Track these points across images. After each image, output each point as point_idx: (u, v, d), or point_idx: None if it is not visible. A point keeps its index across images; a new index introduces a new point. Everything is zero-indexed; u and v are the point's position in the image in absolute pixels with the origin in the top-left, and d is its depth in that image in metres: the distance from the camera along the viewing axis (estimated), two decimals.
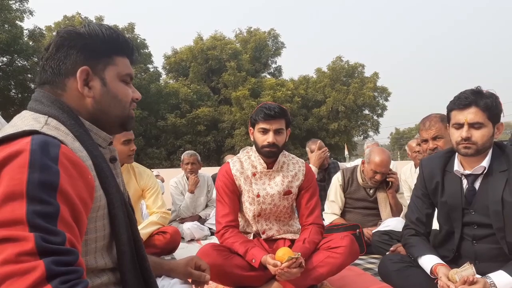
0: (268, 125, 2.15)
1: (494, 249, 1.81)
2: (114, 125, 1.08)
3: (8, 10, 26.25)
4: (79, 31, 1.02)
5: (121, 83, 1.07)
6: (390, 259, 2.11)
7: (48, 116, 0.94)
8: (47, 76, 1.01)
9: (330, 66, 35.89)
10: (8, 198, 0.74)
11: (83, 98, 1.01)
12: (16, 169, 0.76)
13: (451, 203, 1.90)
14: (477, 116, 1.75)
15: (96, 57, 1.02)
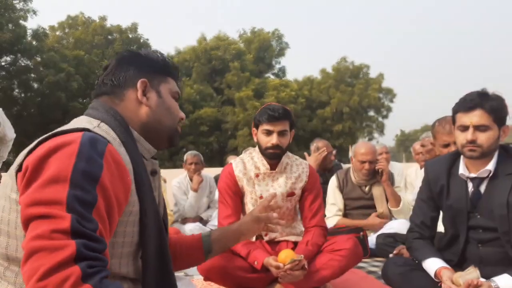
0: (272, 126, 2.13)
1: (500, 253, 1.79)
2: (164, 136, 1.15)
3: (12, 10, 26.40)
4: (137, 52, 1.16)
5: (172, 99, 1.17)
6: (394, 262, 2.09)
7: (101, 121, 1.01)
8: (106, 88, 1.11)
9: (334, 67, 35.91)
10: (53, 180, 0.79)
11: (139, 108, 1.10)
12: (65, 157, 0.82)
13: (456, 207, 1.88)
14: (482, 119, 1.72)
15: (152, 73, 1.13)
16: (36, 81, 28.53)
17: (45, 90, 27.76)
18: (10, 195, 0.88)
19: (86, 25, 35.30)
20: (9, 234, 0.88)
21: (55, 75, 27.23)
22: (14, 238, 0.87)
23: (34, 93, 28.73)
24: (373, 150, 3.30)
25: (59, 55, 28.91)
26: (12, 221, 0.87)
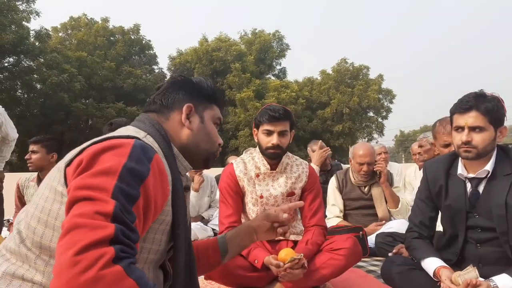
0: (273, 127, 2.15)
1: (498, 253, 1.80)
2: (200, 158, 1.22)
3: (15, 11, 26.48)
4: (189, 78, 1.25)
5: (214, 125, 1.25)
6: (393, 262, 2.10)
7: (147, 134, 1.09)
8: (155, 106, 1.19)
9: (334, 68, 35.88)
10: (103, 172, 0.86)
11: (181, 129, 1.18)
12: (117, 155, 0.89)
13: (454, 207, 1.89)
14: (477, 120, 1.74)
15: (199, 99, 1.22)
16: (39, 82, 28.59)
17: (48, 91, 27.82)
18: (57, 187, 0.94)
19: (89, 26, 35.35)
20: (47, 223, 0.93)
21: (58, 76, 27.29)
22: (52, 228, 0.92)
23: (37, 93, 28.80)
24: (371, 152, 3.32)
25: (62, 56, 28.97)
26: (54, 211, 0.93)
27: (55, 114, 28.67)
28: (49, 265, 0.93)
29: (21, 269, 0.95)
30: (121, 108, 30.34)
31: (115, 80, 32.23)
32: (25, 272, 0.94)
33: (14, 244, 0.97)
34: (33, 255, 0.94)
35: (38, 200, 0.97)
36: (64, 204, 0.89)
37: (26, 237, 0.96)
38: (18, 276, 0.94)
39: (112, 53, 34.37)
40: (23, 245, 0.95)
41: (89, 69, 31.26)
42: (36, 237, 0.94)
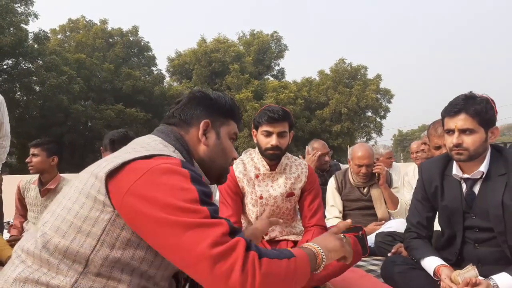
0: (272, 128, 2.16)
1: (497, 252, 1.81)
2: (214, 173, 1.28)
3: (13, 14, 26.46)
4: (209, 94, 1.28)
5: (229, 141, 1.30)
6: (392, 261, 2.10)
7: (175, 149, 1.15)
8: (174, 120, 1.24)
9: (333, 68, 35.91)
10: (190, 200, 0.95)
11: (199, 144, 1.22)
12: (179, 180, 0.97)
13: (451, 207, 1.90)
14: (467, 122, 1.75)
15: (216, 115, 1.26)
16: (38, 84, 28.56)
17: (47, 93, 27.80)
18: (97, 196, 0.98)
19: (87, 28, 35.33)
20: (81, 229, 0.97)
21: (57, 78, 27.27)
22: (85, 234, 0.97)
23: (36, 96, 28.77)
24: (370, 154, 3.31)
25: (61, 58, 28.94)
26: (91, 218, 0.97)
27: (54, 116, 28.65)
28: (72, 269, 0.96)
29: (37, 272, 0.97)
30: (120, 109, 30.32)
31: (114, 82, 32.20)
32: (41, 276, 0.96)
33: (34, 247, 0.99)
34: (55, 260, 0.97)
35: (71, 205, 1.00)
36: (104, 213, 0.97)
37: (51, 239, 0.98)
38: (32, 280, 0.96)
39: (111, 55, 34.35)
40: (45, 249, 0.98)
41: (88, 71, 31.25)
42: (65, 241, 0.97)
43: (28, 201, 3.22)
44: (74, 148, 31.32)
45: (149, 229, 0.95)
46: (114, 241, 0.97)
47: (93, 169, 1.04)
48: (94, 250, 0.96)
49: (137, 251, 1.00)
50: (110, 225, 0.97)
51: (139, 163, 1.00)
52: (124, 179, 0.97)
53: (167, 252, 0.95)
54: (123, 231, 0.98)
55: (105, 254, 0.96)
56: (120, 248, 0.98)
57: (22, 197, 3.26)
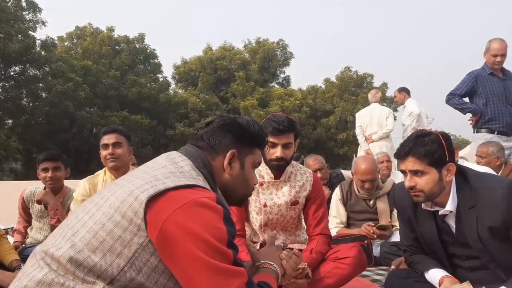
0: (277, 139, 2.13)
1: (491, 274, 1.78)
2: (235, 200, 1.32)
3: (21, 21, 26.80)
4: (239, 121, 1.30)
5: (252, 170, 1.34)
6: (396, 275, 2.08)
7: (204, 177, 1.18)
8: (203, 144, 1.27)
9: (338, 76, 35.92)
10: (220, 240, 1.02)
11: (223, 172, 1.26)
12: (214, 218, 1.03)
13: (427, 238, 1.88)
14: (415, 165, 1.74)
15: (243, 144, 1.29)
16: (44, 90, 28.78)
17: (53, 100, 28.00)
18: (133, 218, 1.01)
19: (94, 35, 35.66)
20: (112, 248, 1.00)
21: (63, 84, 27.46)
22: (115, 254, 1.00)
23: (42, 102, 28.98)
24: (374, 169, 3.24)
25: (67, 65, 29.19)
26: (124, 239, 1.00)
27: (60, 123, 28.80)
28: (98, 281, 0.98)
29: (62, 277, 0.99)
30: (125, 116, 30.45)
31: (119, 89, 32.39)
32: (66, 281, 0.98)
33: (60, 254, 1.01)
34: (80, 273, 0.99)
35: (106, 221, 1.03)
36: (138, 237, 1.00)
37: (80, 252, 1.00)
38: (58, 283, 0.98)
39: (117, 62, 34.60)
40: (72, 261, 0.99)
41: (94, 78, 31.46)
42: (94, 257, 0.99)
43: (33, 212, 3.20)
44: (79, 155, 31.46)
45: (178, 260, 1.00)
46: (142, 265, 1.01)
47: (133, 189, 1.06)
48: (122, 271, 0.99)
49: (160, 277, 1.03)
50: (142, 249, 1.00)
51: (180, 192, 1.04)
52: (165, 206, 1.01)
53: (188, 286, 1.01)
54: (152, 257, 1.01)
55: (131, 277, 0.99)
56: (146, 273, 1.01)
57: (26, 207, 3.23)
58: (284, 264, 1.40)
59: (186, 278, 1.00)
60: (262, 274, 1.27)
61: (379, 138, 6.23)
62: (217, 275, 0.98)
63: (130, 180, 1.11)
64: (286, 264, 1.40)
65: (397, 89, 6.45)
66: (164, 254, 1.01)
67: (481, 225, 1.72)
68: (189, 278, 0.99)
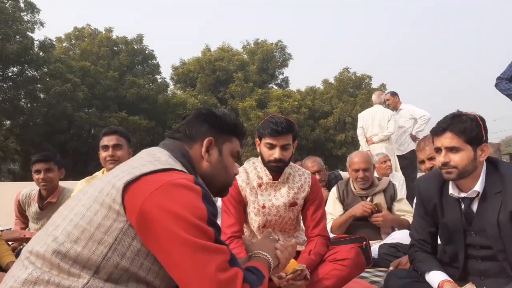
0: (275, 141, 2.13)
1: (499, 266, 1.79)
2: (216, 188, 1.32)
3: (19, 22, 26.77)
4: (215, 112, 1.34)
5: (231, 158, 1.34)
6: (395, 275, 2.07)
7: (182, 165, 1.19)
8: (180, 135, 1.29)
9: (337, 78, 35.98)
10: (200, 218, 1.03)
11: (201, 160, 1.27)
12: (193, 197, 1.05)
13: (451, 225, 1.89)
14: (452, 141, 1.75)
15: (220, 133, 1.30)
16: (42, 91, 28.75)
17: (51, 100, 27.97)
18: (112, 204, 1.03)
19: (93, 36, 35.65)
20: (93, 236, 1.01)
21: (61, 85, 27.44)
22: (97, 241, 1.00)
23: (40, 103, 28.95)
24: (366, 159, 3.32)
25: (66, 66, 29.17)
26: (104, 226, 1.01)
27: (58, 124, 28.78)
28: (83, 272, 0.99)
29: (48, 273, 0.99)
30: (124, 117, 30.44)
31: (118, 90, 32.38)
32: (52, 277, 0.98)
33: (44, 250, 1.02)
34: (65, 265, 0.99)
35: (85, 211, 1.04)
36: (117, 222, 1.01)
37: (62, 244, 1.01)
38: (43, 280, 0.98)
39: (115, 63, 34.59)
40: (56, 253, 1.00)
41: (93, 79, 31.45)
42: (77, 247, 1.00)
43: (29, 215, 3.19)
44: (77, 156, 31.41)
45: (159, 240, 1.00)
46: (125, 250, 1.01)
47: (110, 179, 1.08)
48: (105, 258, 0.99)
49: (145, 261, 1.03)
50: (122, 234, 1.01)
51: (156, 176, 1.05)
52: (141, 189, 1.02)
53: (171, 266, 1.01)
54: (133, 241, 1.02)
55: (115, 263, 1.00)
56: (129, 258, 1.01)
57: (22, 209, 3.21)
58: (279, 254, 1.37)
59: (168, 258, 1.00)
60: (253, 261, 1.27)
61: (379, 140, 6.26)
62: (198, 252, 0.98)
63: (109, 173, 1.15)
64: (281, 254, 1.37)
65: (390, 92, 6.48)
66: (145, 236, 1.01)
67: (504, 209, 1.73)
68: (170, 258, 1.00)
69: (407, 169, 5.99)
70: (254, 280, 1.09)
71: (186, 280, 0.99)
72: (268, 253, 1.33)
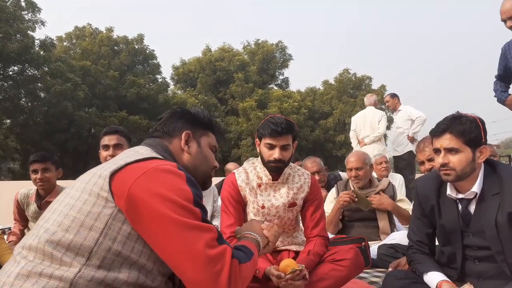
0: (275, 141, 2.13)
1: (497, 268, 1.79)
2: (198, 180, 1.32)
3: (20, 21, 26.77)
4: (187, 109, 1.41)
5: (210, 151, 1.41)
6: (394, 276, 2.08)
7: (164, 158, 1.22)
8: (158, 134, 1.35)
9: (337, 78, 36.02)
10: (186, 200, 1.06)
11: (182, 153, 1.33)
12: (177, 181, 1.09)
13: (448, 226, 1.89)
14: (451, 142, 1.75)
15: (196, 127, 1.38)
16: (43, 90, 28.77)
17: (51, 100, 27.99)
18: (100, 192, 1.06)
19: (93, 36, 35.68)
20: (84, 223, 1.04)
21: (62, 84, 27.47)
22: (88, 228, 1.03)
23: (40, 102, 28.96)
24: (360, 158, 3.35)
25: (66, 65, 29.19)
26: (94, 213, 1.04)
27: (58, 123, 28.80)
28: (75, 260, 1.01)
29: (40, 265, 1.00)
30: (124, 117, 30.46)
31: (118, 89, 32.40)
32: (44, 268, 1.00)
33: (37, 242, 1.04)
34: (58, 253, 1.01)
35: (74, 202, 1.08)
36: (106, 208, 1.05)
37: (54, 233, 1.03)
38: (35, 272, 0.99)
39: (116, 63, 34.62)
40: (48, 243, 1.02)
41: (93, 78, 31.48)
42: (68, 235, 1.03)
43: (29, 214, 3.18)
44: (77, 155, 31.41)
45: (147, 222, 1.03)
46: (115, 234, 1.04)
47: (96, 171, 1.12)
48: (97, 243, 1.02)
49: (136, 244, 1.06)
50: (112, 219, 1.04)
51: (140, 164, 1.11)
52: (128, 175, 1.07)
53: (160, 247, 1.04)
54: (123, 225, 1.05)
55: (108, 247, 1.02)
56: (121, 242, 1.04)
57: (22, 209, 3.21)
58: (266, 233, 1.41)
59: (157, 239, 1.03)
60: (242, 241, 1.31)
61: (371, 142, 6.31)
62: (186, 231, 1.02)
63: (95, 167, 1.19)
64: (268, 232, 1.42)
65: (389, 94, 6.51)
66: (134, 220, 1.04)
67: (502, 210, 1.74)
68: (159, 239, 1.03)
69: (405, 170, 6.01)
70: (242, 256, 1.13)
71: (176, 259, 1.02)
72: (255, 233, 1.38)
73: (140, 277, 1.06)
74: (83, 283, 0.98)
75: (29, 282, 0.97)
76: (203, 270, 1.00)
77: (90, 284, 0.98)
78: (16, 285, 0.97)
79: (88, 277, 0.99)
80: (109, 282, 1.01)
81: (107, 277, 1.00)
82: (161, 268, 1.11)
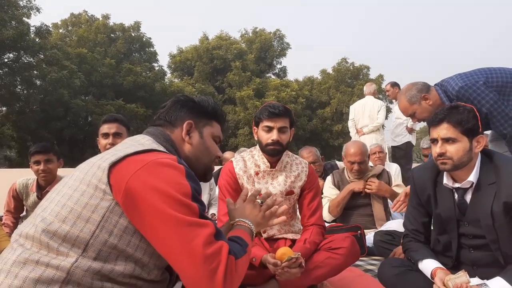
0: (273, 123, 2.16)
1: (491, 256, 1.82)
2: (199, 171, 1.34)
3: (15, 7, 26.41)
4: (191, 97, 1.38)
5: (212, 141, 1.38)
6: (390, 263, 2.10)
7: (165, 148, 1.22)
8: (160, 122, 1.34)
9: (335, 68, 35.91)
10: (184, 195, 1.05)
11: (183, 144, 1.31)
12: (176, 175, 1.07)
13: (444, 215, 1.91)
14: (449, 132, 1.77)
15: (200, 117, 1.35)
16: (38, 78, 28.52)
17: (47, 87, 27.77)
18: (98, 184, 1.05)
19: (89, 23, 35.31)
20: (81, 215, 1.03)
21: (58, 72, 27.24)
22: (85, 220, 1.03)
23: (36, 90, 28.73)
24: (362, 151, 3.33)
25: (62, 52, 28.91)
26: (91, 205, 1.04)
27: (55, 111, 28.63)
28: (72, 251, 1.00)
29: (37, 254, 1.01)
30: (121, 105, 30.30)
31: (115, 77, 32.18)
32: (41, 257, 1.00)
33: (34, 231, 1.04)
34: (54, 244, 1.01)
35: (72, 192, 1.07)
36: (104, 201, 1.04)
37: (51, 223, 1.03)
38: (32, 260, 0.99)
39: (112, 50, 34.34)
40: (45, 233, 1.02)
41: (89, 66, 31.23)
42: (65, 226, 1.02)
43: (28, 204, 3.16)
44: (74, 143, 31.31)
45: (145, 217, 1.02)
46: (112, 227, 1.03)
47: (95, 161, 1.11)
48: (94, 235, 1.01)
49: (132, 238, 1.05)
50: (109, 212, 1.03)
51: (140, 156, 1.09)
52: (126, 168, 1.05)
53: (157, 242, 1.03)
54: (120, 218, 1.04)
55: (104, 240, 1.02)
56: (117, 235, 1.03)
57: (20, 199, 3.18)
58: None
59: (154, 234, 1.02)
60: (236, 230, 1.28)
61: (369, 131, 6.30)
62: (184, 227, 1.01)
63: (94, 157, 1.18)
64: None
65: (390, 83, 6.46)
66: (131, 214, 1.03)
67: (498, 199, 1.75)
68: (157, 234, 1.02)
69: (402, 160, 6.03)
70: (238, 250, 1.11)
71: (173, 255, 1.01)
72: (249, 219, 1.34)
73: (136, 269, 1.06)
74: (79, 272, 0.98)
75: (25, 270, 0.97)
76: (199, 267, 0.99)
77: (87, 274, 0.99)
78: (13, 272, 0.97)
79: (85, 267, 0.99)
80: (105, 273, 1.01)
81: (103, 268, 1.01)
82: (157, 262, 1.11)
